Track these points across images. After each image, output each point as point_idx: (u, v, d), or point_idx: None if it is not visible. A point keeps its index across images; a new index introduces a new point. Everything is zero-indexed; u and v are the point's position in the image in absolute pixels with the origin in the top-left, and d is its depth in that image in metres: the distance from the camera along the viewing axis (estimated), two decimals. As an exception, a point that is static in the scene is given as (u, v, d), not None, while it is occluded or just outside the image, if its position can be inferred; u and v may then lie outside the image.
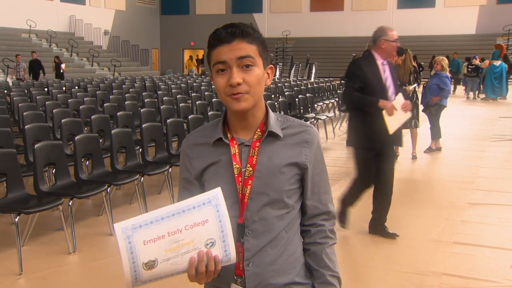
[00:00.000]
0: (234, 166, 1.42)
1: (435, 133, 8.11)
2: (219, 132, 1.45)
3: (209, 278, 1.31)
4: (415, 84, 7.35)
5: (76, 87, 12.47)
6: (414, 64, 8.16)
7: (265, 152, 1.43)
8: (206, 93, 10.97)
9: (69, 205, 4.22)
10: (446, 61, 8.00)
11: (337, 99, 12.33)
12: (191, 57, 31.85)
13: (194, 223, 1.26)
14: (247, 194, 1.41)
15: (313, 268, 1.50)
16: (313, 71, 23.31)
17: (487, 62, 17.98)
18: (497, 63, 17.70)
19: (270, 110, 1.47)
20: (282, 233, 1.44)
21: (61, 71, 17.90)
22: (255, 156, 1.42)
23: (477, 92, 18.23)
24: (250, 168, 1.41)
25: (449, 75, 8.42)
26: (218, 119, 1.50)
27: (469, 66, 18.20)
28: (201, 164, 1.47)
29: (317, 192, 1.51)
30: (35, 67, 17.26)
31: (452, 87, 15.18)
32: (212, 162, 1.45)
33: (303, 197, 1.51)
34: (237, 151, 1.43)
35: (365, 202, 5.66)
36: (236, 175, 1.41)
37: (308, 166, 1.46)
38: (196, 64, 30.98)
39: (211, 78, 1.45)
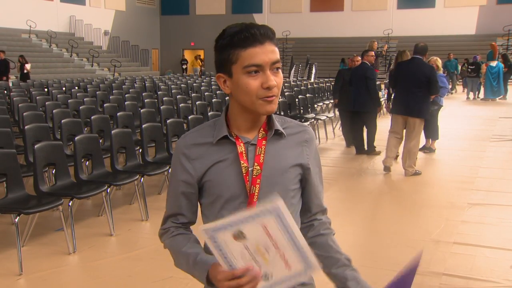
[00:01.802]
0: (242, 165, 1.40)
1: (434, 133, 8.10)
2: (223, 130, 1.42)
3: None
4: None
5: (76, 88, 12.47)
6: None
7: (271, 151, 1.43)
8: (206, 93, 10.99)
9: (69, 205, 4.22)
10: (440, 61, 7.99)
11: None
12: (196, 57, 31.90)
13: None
14: (256, 194, 1.39)
15: (324, 257, 1.50)
16: (313, 71, 23.30)
17: (484, 66, 17.99)
18: (494, 63, 17.71)
19: None
20: None
21: (25, 71, 16.41)
22: (262, 155, 1.41)
23: (477, 92, 18.23)
24: (258, 167, 1.40)
25: (444, 74, 8.45)
26: (214, 119, 1.48)
27: (469, 67, 18.21)
28: (204, 164, 1.43)
29: (317, 192, 1.54)
30: (2, 68, 16.03)
31: (449, 86, 15.19)
32: (217, 161, 1.42)
33: (305, 196, 1.52)
34: (243, 149, 1.41)
35: (367, 201, 5.66)
36: (244, 174, 1.39)
37: (309, 165, 1.48)
38: (200, 63, 31.01)
39: (217, 78, 1.41)
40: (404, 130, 6.73)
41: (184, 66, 31.21)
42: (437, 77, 6.50)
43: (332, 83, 15.66)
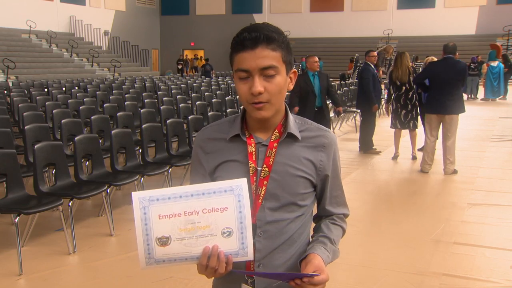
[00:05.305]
0: (249, 165, 1.39)
1: None
2: (236, 128, 1.42)
3: (216, 274, 1.30)
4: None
5: (76, 88, 12.47)
6: (413, 64, 8.13)
7: (283, 153, 1.40)
8: (206, 93, 10.99)
9: (69, 205, 4.22)
10: (436, 60, 7.97)
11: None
12: (197, 57, 31.78)
13: (212, 208, 1.25)
14: (261, 195, 1.39)
15: (312, 238, 1.50)
16: (313, 71, 23.30)
17: (485, 66, 17.96)
18: (495, 63, 17.70)
19: (289, 112, 1.45)
20: (295, 235, 1.43)
21: None
22: (272, 157, 1.40)
23: (476, 92, 18.21)
24: (266, 169, 1.39)
25: None
26: (236, 115, 1.47)
27: (471, 65, 18.19)
28: (215, 160, 1.43)
29: (332, 196, 1.51)
30: None
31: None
32: (228, 159, 1.42)
33: (318, 200, 1.51)
34: (254, 150, 1.40)
35: (367, 202, 5.66)
36: (250, 175, 1.39)
37: (323, 171, 1.45)
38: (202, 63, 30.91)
39: (233, 76, 1.43)
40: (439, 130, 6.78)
41: (180, 67, 30.75)
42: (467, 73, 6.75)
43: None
